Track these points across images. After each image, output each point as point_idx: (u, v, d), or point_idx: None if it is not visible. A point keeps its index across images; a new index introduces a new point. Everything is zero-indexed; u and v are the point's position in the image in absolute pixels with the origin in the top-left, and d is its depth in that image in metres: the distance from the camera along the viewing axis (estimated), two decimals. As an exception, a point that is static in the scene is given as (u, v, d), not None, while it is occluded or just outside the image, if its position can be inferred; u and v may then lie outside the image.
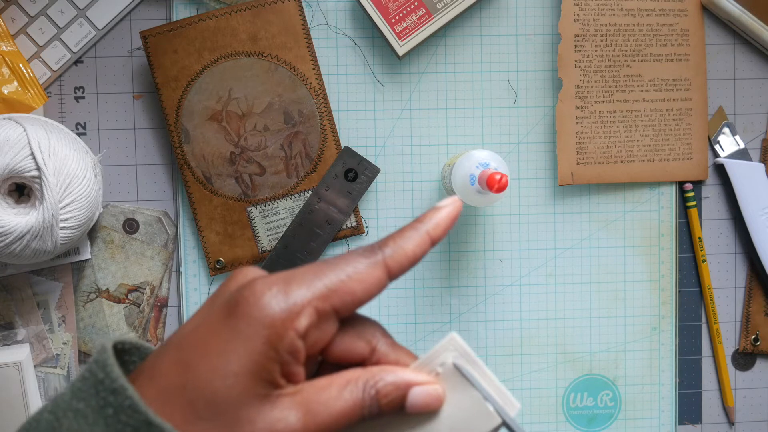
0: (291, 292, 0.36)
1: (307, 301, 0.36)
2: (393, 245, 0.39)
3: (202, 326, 0.37)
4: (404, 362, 0.40)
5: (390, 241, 0.39)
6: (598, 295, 0.76)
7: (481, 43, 0.75)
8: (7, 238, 0.64)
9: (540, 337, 0.76)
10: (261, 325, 0.35)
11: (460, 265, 0.75)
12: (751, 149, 0.77)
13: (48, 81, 0.73)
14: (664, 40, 0.74)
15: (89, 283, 0.74)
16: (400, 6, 0.71)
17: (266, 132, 0.73)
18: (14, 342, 0.73)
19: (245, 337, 0.35)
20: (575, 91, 0.74)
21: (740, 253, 0.77)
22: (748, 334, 0.77)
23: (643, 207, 0.76)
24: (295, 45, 0.72)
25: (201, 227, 0.73)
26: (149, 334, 0.74)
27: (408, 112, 0.75)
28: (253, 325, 0.35)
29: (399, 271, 0.38)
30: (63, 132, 0.68)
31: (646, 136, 0.75)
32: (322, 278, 0.37)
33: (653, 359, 0.76)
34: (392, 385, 0.39)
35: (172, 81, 0.72)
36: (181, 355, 0.36)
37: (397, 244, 0.39)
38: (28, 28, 0.72)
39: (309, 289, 0.36)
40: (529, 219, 0.76)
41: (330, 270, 0.37)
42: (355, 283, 0.37)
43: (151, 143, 0.74)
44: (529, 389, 0.76)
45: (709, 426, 0.77)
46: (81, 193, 0.66)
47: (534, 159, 0.75)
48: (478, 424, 0.40)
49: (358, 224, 0.75)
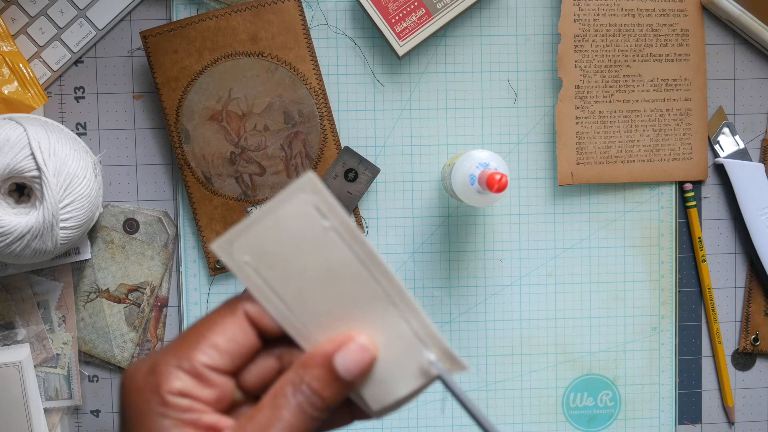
0: (155, 361, 0.37)
1: (170, 364, 0.37)
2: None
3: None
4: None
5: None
6: (598, 295, 0.76)
7: (481, 43, 0.75)
8: (7, 238, 0.64)
9: (540, 337, 0.76)
10: (140, 399, 0.37)
11: (460, 265, 0.75)
12: (750, 149, 0.77)
13: (48, 81, 0.73)
14: (664, 40, 0.74)
15: (89, 283, 0.74)
16: (400, 6, 0.71)
17: (266, 132, 0.73)
18: (14, 342, 0.73)
19: (136, 419, 0.37)
20: (575, 91, 0.74)
21: (740, 253, 0.77)
22: (748, 334, 0.77)
23: (643, 207, 0.76)
24: (295, 45, 0.72)
25: (201, 227, 0.73)
26: (149, 334, 0.75)
27: (408, 112, 0.75)
28: (133, 405, 0.37)
29: (264, 316, 0.39)
30: (63, 132, 0.68)
31: (646, 136, 0.75)
32: (184, 340, 0.38)
33: (653, 359, 0.76)
34: (316, 368, 0.37)
35: (172, 81, 0.72)
36: None
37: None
38: (28, 28, 0.72)
39: (171, 354, 0.37)
40: (529, 219, 0.76)
41: (192, 331, 0.38)
42: (214, 335, 0.38)
43: (151, 143, 0.74)
44: (529, 389, 0.76)
45: (708, 426, 0.77)
46: (81, 193, 0.66)
47: (534, 159, 0.75)
48: (409, 377, 0.38)
49: (358, 224, 0.75)
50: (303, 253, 0.38)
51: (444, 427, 0.76)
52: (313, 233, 0.38)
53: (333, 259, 0.38)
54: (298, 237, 0.38)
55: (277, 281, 0.38)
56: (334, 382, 0.37)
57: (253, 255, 0.38)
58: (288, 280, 0.38)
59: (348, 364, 0.37)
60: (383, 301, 0.38)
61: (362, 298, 0.38)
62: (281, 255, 0.38)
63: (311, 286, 0.38)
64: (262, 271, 0.38)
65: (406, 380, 0.38)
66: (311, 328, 0.38)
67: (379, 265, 0.38)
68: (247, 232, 0.38)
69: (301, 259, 0.38)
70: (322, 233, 0.38)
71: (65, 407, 0.74)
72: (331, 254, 0.38)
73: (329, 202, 0.37)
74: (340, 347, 0.37)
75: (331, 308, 0.38)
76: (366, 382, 0.38)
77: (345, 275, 0.38)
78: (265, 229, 0.38)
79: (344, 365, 0.37)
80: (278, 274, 0.38)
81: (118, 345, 0.74)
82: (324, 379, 0.37)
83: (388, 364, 0.38)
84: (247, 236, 0.38)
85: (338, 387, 0.37)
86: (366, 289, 0.38)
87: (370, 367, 0.38)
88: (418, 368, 0.38)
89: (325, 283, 0.38)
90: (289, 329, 0.38)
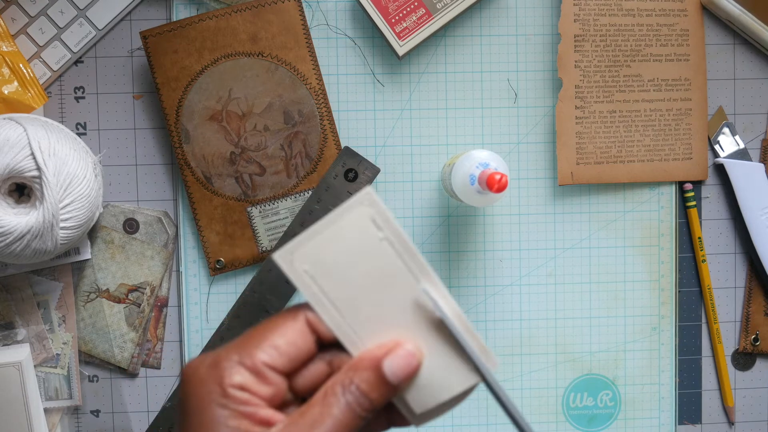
0: (218, 356, 0.40)
1: (232, 360, 0.40)
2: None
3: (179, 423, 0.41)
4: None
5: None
6: (598, 295, 0.76)
7: (481, 43, 0.75)
8: (8, 238, 0.64)
9: (540, 337, 0.76)
10: (202, 390, 0.39)
11: (460, 265, 0.75)
12: (750, 149, 0.77)
13: (48, 81, 0.73)
14: (664, 40, 0.74)
15: (89, 283, 0.74)
16: (400, 6, 0.71)
17: (266, 132, 0.73)
18: (14, 342, 0.73)
19: (197, 407, 0.39)
20: (575, 91, 0.74)
21: (740, 253, 0.77)
22: (748, 334, 0.77)
23: (643, 207, 0.76)
24: (295, 45, 0.72)
25: (201, 227, 0.73)
26: (149, 334, 0.75)
27: (408, 112, 0.75)
28: (195, 394, 0.40)
29: (322, 323, 0.41)
30: (63, 132, 0.68)
31: (646, 136, 0.75)
32: (247, 339, 0.41)
33: (653, 359, 0.76)
34: (365, 371, 0.40)
35: (172, 81, 0.72)
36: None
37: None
38: (28, 28, 0.72)
39: (234, 351, 0.40)
40: (529, 219, 0.76)
41: (255, 331, 0.41)
42: (276, 336, 0.40)
43: (151, 143, 0.74)
44: (529, 389, 0.76)
45: (708, 426, 0.77)
46: (81, 193, 0.66)
47: (534, 159, 0.75)
48: (455, 380, 0.41)
49: (358, 224, 0.75)
50: (357, 262, 0.41)
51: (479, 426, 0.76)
52: (368, 244, 0.41)
53: (385, 268, 0.41)
54: (354, 247, 0.40)
55: (332, 289, 0.41)
56: (382, 384, 0.40)
57: (311, 264, 0.41)
58: (342, 288, 0.41)
59: (395, 369, 0.40)
60: (430, 309, 0.41)
61: (411, 306, 0.41)
62: (337, 264, 0.41)
63: (363, 294, 0.41)
64: (318, 279, 0.41)
65: (449, 385, 0.41)
66: (361, 335, 0.41)
67: (428, 275, 0.41)
68: (308, 243, 0.41)
69: (356, 269, 0.41)
70: (377, 244, 0.41)
71: (65, 407, 0.74)
72: (383, 264, 0.41)
73: (385, 214, 0.41)
74: (389, 353, 0.40)
75: (381, 315, 0.41)
76: (410, 387, 0.41)
77: (395, 284, 0.41)
78: (324, 240, 0.40)
79: (392, 369, 0.40)
80: (333, 283, 0.41)
81: (118, 345, 0.74)
82: (372, 381, 0.40)
83: (432, 370, 0.41)
84: (307, 246, 0.41)
85: (385, 389, 0.40)
86: (414, 297, 0.41)
87: (415, 372, 0.41)
88: (461, 374, 0.41)
89: (376, 291, 0.41)
90: (340, 335, 0.41)
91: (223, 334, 0.73)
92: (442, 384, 0.41)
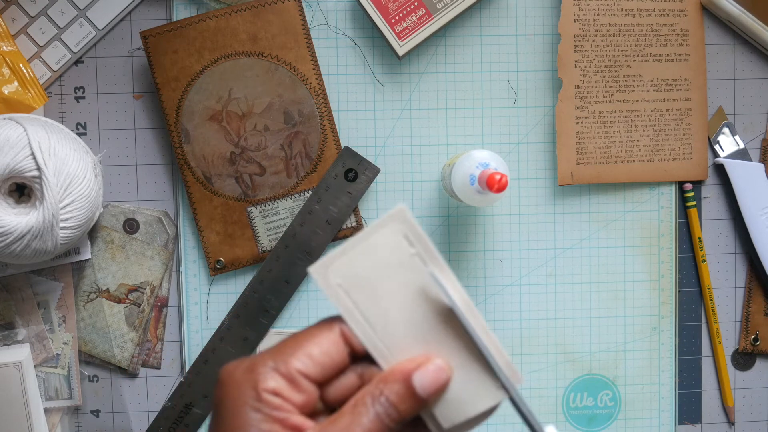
0: (254, 361, 0.41)
1: (267, 365, 0.41)
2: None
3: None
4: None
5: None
6: (598, 295, 0.76)
7: (481, 43, 0.75)
8: (8, 238, 0.64)
9: (540, 337, 0.76)
10: (237, 392, 0.41)
11: (460, 265, 0.75)
12: (750, 149, 0.77)
13: (48, 81, 0.73)
14: (663, 40, 0.74)
15: (89, 283, 0.74)
16: (400, 6, 0.71)
17: (266, 132, 0.73)
18: (14, 342, 0.73)
19: (231, 409, 0.40)
20: (575, 91, 0.74)
21: (740, 253, 0.77)
22: (748, 334, 0.77)
23: (642, 207, 0.76)
24: (295, 45, 0.72)
25: (201, 227, 0.73)
26: (149, 334, 0.75)
27: (408, 112, 0.75)
28: (230, 396, 0.40)
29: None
30: (63, 132, 0.68)
31: (646, 136, 0.75)
32: (283, 347, 0.42)
33: (653, 359, 0.76)
34: (396, 383, 0.41)
35: (172, 81, 0.72)
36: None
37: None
38: (28, 28, 0.72)
39: (270, 357, 0.41)
40: (529, 219, 0.76)
41: (291, 339, 0.42)
42: (311, 345, 0.41)
43: (151, 143, 0.74)
44: (529, 389, 0.76)
45: (708, 426, 0.77)
46: (81, 193, 0.66)
47: (534, 159, 0.75)
48: (482, 396, 0.41)
49: (358, 224, 0.75)
50: (390, 277, 0.42)
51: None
52: (400, 259, 0.42)
53: (416, 283, 0.42)
54: (387, 262, 0.42)
55: (364, 303, 0.42)
56: (411, 397, 0.41)
57: (345, 278, 0.42)
58: (374, 302, 0.42)
59: (425, 383, 0.41)
60: (460, 324, 0.42)
61: (440, 321, 0.42)
62: (370, 279, 0.42)
63: (394, 308, 0.42)
64: (351, 293, 0.42)
65: (477, 401, 0.41)
66: (391, 349, 0.42)
67: (458, 292, 0.41)
68: (341, 258, 0.42)
69: (388, 283, 0.42)
70: (408, 259, 0.42)
71: (65, 407, 0.74)
72: (414, 279, 0.42)
73: (417, 231, 0.42)
74: (419, 367, 0.41)
75: (411, 330, 0.42)
76: (439, 402, 0.42)
77: (425, 299, 0.42)
78: (357, 255, 0.42)
79: (422, 383, 0.41)
80: (366, 297, 0.42)
81: (118, 345, 0.74)
82: (402, 393, 0.41)
83: (460, 386, 0.42)
84: (341, 261, 0.42)
85: (414, 402, 0.41)
86: (444, 312, 0.41)
87: (445, 386, 0.41)
88: (488, 390, 0.41)
89: (407, 305, 0.42)
90: (371, 348, 0.42)
91: (223, 334, 0.73)
92: (469, 399, 0.41)
